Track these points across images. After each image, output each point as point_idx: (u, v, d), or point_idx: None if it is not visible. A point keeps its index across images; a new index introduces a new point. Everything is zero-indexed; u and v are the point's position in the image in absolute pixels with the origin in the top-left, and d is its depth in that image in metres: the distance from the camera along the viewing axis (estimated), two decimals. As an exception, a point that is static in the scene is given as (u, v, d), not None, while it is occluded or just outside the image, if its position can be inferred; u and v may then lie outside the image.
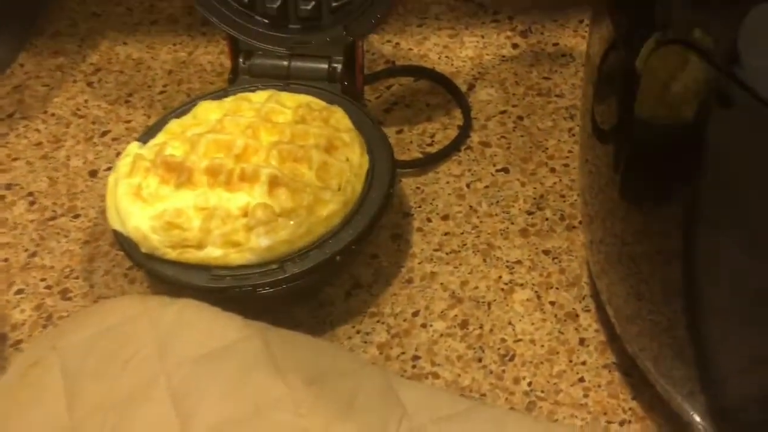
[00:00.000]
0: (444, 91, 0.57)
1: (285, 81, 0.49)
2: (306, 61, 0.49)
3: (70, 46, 0.65)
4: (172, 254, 0.40)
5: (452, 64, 0.59)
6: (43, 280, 0.48)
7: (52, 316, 0.46)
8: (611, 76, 0.35)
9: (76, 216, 0.51)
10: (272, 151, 0.42)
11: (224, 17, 0.49)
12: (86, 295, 0.47)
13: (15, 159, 0.56)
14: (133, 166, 0.43)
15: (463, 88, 0.57)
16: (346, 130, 0.45)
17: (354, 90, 0.50)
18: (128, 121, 0.58)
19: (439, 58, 0.60)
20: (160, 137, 0.46)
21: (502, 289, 0.45)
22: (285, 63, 0.49)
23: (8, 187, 0.54)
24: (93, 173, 0.54)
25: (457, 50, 0.60)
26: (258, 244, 0.39)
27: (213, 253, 0.40)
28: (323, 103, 0.47)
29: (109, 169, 0.54)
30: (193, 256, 0.40)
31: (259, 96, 0.48)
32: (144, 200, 0.41)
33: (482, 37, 0.61)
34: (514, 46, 0.60)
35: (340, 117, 0.46)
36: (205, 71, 0.61)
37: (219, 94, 0.49)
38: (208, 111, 0.47)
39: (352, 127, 0.45)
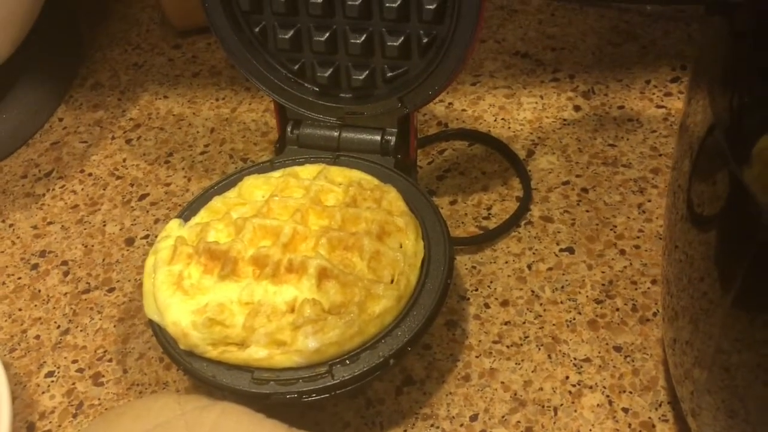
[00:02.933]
0: (501, 157, 0.54)
1: (335, 153, 0.46)
2: (357, 132, 0.46)
3: (111, 99, 0.63)
4: (213, 353, 0.37)
5: (509, 128, 0.56)
6: (74, 362, 0.45)
7: (83, 403, 0.43)
8: (720, 154, 0.30)
9: (111, 290, 0.49)
10: (321, 239, 0.39)
11: (272, 84, 0.46)
12: (119, 381, 0.44)
13: (50, 223, 0.54)
14: (174, 252, 0.40)
15: (522, 154, 0.53)
16: (400, 214, 0.41)
17: (408, 163, 0.46)
18: (167, 184, 0.55)
19: (495, 121, 0.56)
20: (202, 215, 0.43)
21: (570, 392, 0.41)
22: (335, 133, 0.46)
23: (42, 254, 0.51)
24: (129, 241, 0.51)
25: (515, 112, 0.57)
26: (305, 345, 0.36)
27: (257, 354, 0.36)
28: (375, 182, 0.44)
29: (146, 237, 0.52)
30: (234, 356, 0.37)
31: (308, 171, 0.44)
32: (185, 292, 0.38)
33: (541, 97, 0.58)
34: (576, 108, 0.56)
35: (393, 198, 0.42)
36: (249, 130, 0.58)
37: (265, 166, 0.46)
38: (254, 188, 0.44)
39: (406, 210, 0.42)
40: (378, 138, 0.46)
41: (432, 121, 0.57)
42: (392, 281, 0.39)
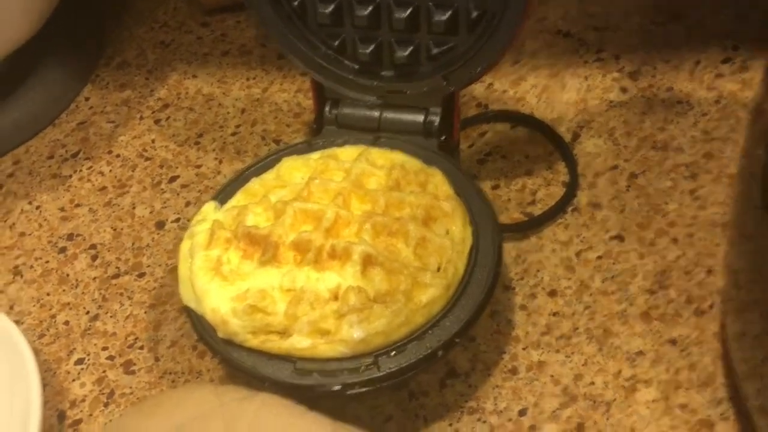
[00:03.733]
0: (545, 140, 0.51)
1: (375, 133, 0.44)
2: (399, 113, 0.44)
3: (138, 79, 0.61)
4: (253, 342, 0.35)
5: (553, 109, 0.53)
6: (105, 348, 0.44)
7: (114, 392, 0.42)
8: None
9: (141, 275, 0.47)
10: (365, 224, 0.37)
11: (310, 61, 0.45)
12: (151, 369, 0.42)
13: (77, 205, 0.52)
14: (211, 236, 0.38)
15: (567, 137, 0.51)
16: (446, 198, 0.39)
17: (452, 145, 0.44)
18: (198, 166, 0.53)
19: (537, 102, 0.54)
20: (239, 198, 0.41)
21: (623, 387, 0.39)
22: (376, 114, 0.44)
23: (70, 237, 0.50)
24: (160, 225, 0.50)
25: (558, 93, 0.54)
26: (350, 335, 0.34)
27: (299, 343, 0.35)
28: (419, 164, 0.42)
29: (177, 220, 0.50)
30: (276, 345, 0.35)
31: (348, 153, 0.42)
32: (224, 278, 0.37)
33: (585, 78, 0.55)
34: (623, 90, 0.54)
35: (438, 182, 0.40)
36: (281, 111, 0.56)
37: (303, 148, 0.44)
38: (292, 170, 0.42)
39: (452, 194, 0.40)
40: (421, 118, 0.43)
41: (471, 103, 0.55)
42: (439, 269, 0.37)
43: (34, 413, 0.37)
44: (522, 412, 0.38)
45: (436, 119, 0.43)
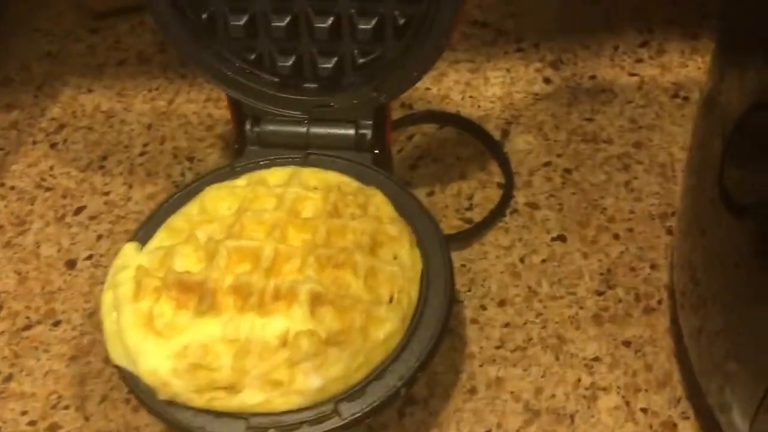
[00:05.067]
0: (475, 140, 0.50)
1: (303, 151, 0.41)
2: (328, 127, 0.41)
3: (25, 97, 0.55)
4: (199, 401, 0.32)
5: (479, 106, 0.52)
6: (24, 413, 0.39)
7: (41, 462, 0.38)
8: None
9: (57, 323, 0.43)
10: (309, 258, 0.34)
11: (225, 78, 0.41)
12: (81, 430, 0.38)
13: (-29, 249, 0.47)
14: (138, 286, 0.34)
15: (496, 135, 0.50)
16: (391, 221, 0.37)
17: (387, 159, 0.42)
18: (106, 193, 0.49)
19: (462, 99, 0.52)
20: (162, 237, 0.37)
21: (584, 396, 0.38)
22: (303, 129, 0.41)
23: (-33, 287, 0.45)
24: (71, 264, 0.45)
25: (482, 88, 0.53)
26: (306, 384, 0.32)
27: (251, 398, 0.32)
28: (356, 184, 0.39)
29: (90, 257, 0.45)
30: (225, 403, 0.32)
31: (277, 176, 0.39)
32: (158, 333, 0.33)
33: (508, 70, 0.54)
34: (546, 81, 0.53)
35: (380, 203, 0.38)
36: (191, 124, 0.52)
37: (225, 173, 0.41)
38: (217, 200, 0.38)
39: (396, 216, 0.38)
40: (352, 132, 0.41)
41: (395, 103, 0.52)
42: (391, 300, 0.35)
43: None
44: (486, 435, 0.37)
45: (368, 132, 0.41)
